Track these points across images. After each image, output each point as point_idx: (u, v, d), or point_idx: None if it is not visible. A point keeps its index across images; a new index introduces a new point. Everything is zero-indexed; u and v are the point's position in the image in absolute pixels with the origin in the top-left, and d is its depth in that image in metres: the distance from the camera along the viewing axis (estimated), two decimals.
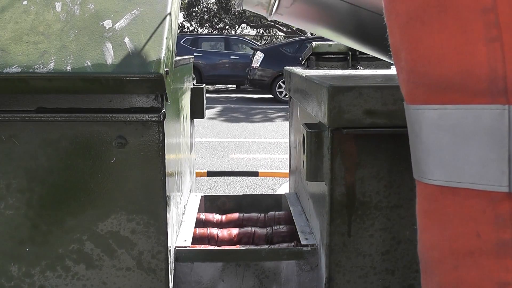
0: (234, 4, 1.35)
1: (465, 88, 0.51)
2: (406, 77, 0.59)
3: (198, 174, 3.09)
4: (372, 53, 1.42)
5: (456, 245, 0.55)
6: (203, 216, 1.61)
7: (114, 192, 1.06)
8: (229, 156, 5.35)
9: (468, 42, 0.50)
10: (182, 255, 1.23)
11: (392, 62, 1.50)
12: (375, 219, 1.12)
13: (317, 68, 1.66)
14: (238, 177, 4.25)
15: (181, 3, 1.61)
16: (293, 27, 15.79)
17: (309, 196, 1.41)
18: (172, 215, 1.20)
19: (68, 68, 0.96)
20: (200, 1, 21.56)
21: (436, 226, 0.57)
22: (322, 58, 1.66)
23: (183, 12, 21.04)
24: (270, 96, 10.47)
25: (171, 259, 1.16)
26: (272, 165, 4.89)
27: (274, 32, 21.26)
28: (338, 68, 1.66)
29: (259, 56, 10.10)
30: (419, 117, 0.58)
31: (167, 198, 1.09)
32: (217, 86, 12.80)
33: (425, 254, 0.61)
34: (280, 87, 9.96)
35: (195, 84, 1.79)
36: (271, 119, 8.20)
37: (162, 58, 0.98)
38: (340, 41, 1.38)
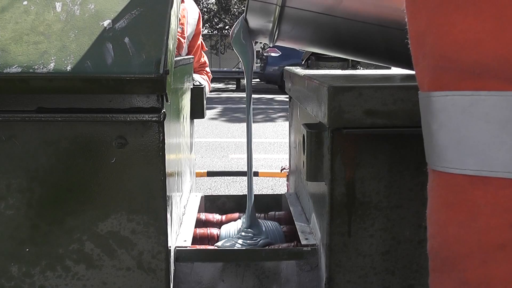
0: (230, 38, 1.37)
1: (501, 74, 0.50)
2: (433, 63, 0.57)
3: (198, 174, 3.09)
4: (375, 62, 1.43)
5: (486, 238, 0.52)
6: (203, 216, 1.61)
7: (114, 192, 1.06)
8: (229, 156, 5.35)
9: (505, 28, 0.49)
10: (182, 255, 1.23)
11: (388, 66, 1.51)
12: (375, 219, 1.12)
13: (317, 68, 1.66)
14: (238, 177, 4.25)
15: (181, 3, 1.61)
16: None
17: (309, 196, 1.42)
18: (172, 215, 1.20)
19: (68, 68, 0.96)
20: (200, 1, 21.56)
21: (463, 218, 0.55)
22: (322, 58, 1.66)
23: None
24: (270, 96, 10.46)
25: (171, 259, 1.16)
26: (272, 165, 4.89)
27: None
28: (338, 68, 1.66)
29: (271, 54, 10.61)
30: (446, 104, 0.56)
31: (167, 198, 1.09)
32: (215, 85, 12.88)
33: (445, 250, 0.58)
34: None
35: (195, 84, 1.79)
36: (271, 119, 8.20)
37: (162, 58, 0.98)
38: (341, 55, 1.40)
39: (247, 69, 1.34)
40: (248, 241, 1.37)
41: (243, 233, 1.42)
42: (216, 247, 1.35)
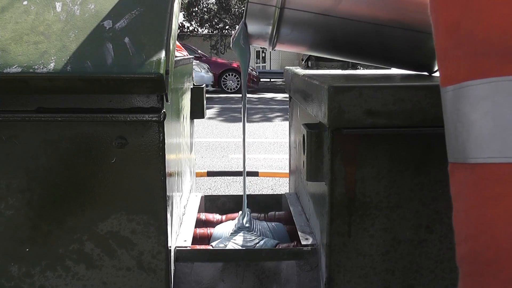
0: (230, 42, 1.38)
1: None
2: (471, 50, 0.55)
3: (198, 174, 3.09)
4: (371, 63, 1.43)
5: None
6: (203, 216, 1.61)
7: (114, 192, 1.06)
8: (229, 156, 5.35)
9: None
10: (182, 255, 1.23)
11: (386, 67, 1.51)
12: (375, 219, 1.12)
13: (317, 68, 1.66)
14: (238, 177, 4.25)
15: (181, 3, 1.61)
16: None
17: (309, 196, 1.42)
18: (172, 215, 1.20)
19: (68, 68, 0.96)
20: (200, 1, 21.56)
21: None
22: (322, 58, 1.66)
23: (183, 12, 21.03)
24: (270, 95, 10.47)
25: (171, 259, 1.16)
26: (272, 165, 4.89)
27: None
28: (338, 68, 1.66)
29: None
30: (489, 90, 0.54)
31: (167, 198, 1.09)
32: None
33: (493, 249, 0.54)
34: None
35: (195, 84, 1.79)
36: (271, 119, 8.20)
37: (162, 58, 0.98)
38: (341, 58, 1.40)
39: (244, 70, 1.36)
40: (245, 238, 1.37)
41: (239, 232, 1.42)
42: (216, 247, 1.34)
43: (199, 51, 13.03)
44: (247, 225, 1.44)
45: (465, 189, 0.58)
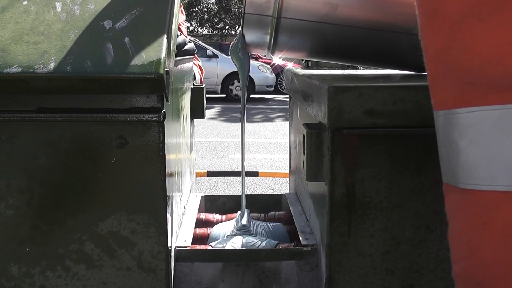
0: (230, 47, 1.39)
1: None
2: (458, 78, 0.55)
3: (198, 174, 3.09)
4: (370, 66, 1.44)
5: None
6: (203, 216, 1.61)
7: (114, 192, 1.06)
8: (229, 156, 5.35)
9: None
10: (182, 255, 1.23)
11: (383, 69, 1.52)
12: (375, 219, 1.12)
13: (317, 68, 1.66)
14: (238, 177, 4.25)
15: (181, 3, 1.61)
16: None
17: (309, 196, 1.42)
18: (172, 215, 1.20)
19: (68, 68, 0.96)
20: (200, 1, 21.57)
21: (500, 237, 0.53)
22: None
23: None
24: (270, 96, 10.48)
25: (171, 259, 1.16)
26: (272, 165, 4.89)
27: None
28: (338, 68, 1.66)
29: None
30: (474, 120, 0.54)
31: (167, 198, 1.09)
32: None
33: (482, 271, 0.56)
34: None
35: (195, 84, 1.79)
36: (271, 119, 8.20)
37: (162, 58, 0.98)
38: (339, 62, 1.41)
39: (243, 80, 1.37)
40: (245, 239, 1.37)
41: (238, 232, 1.42)
42: (216, 248, 1.34)
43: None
44: (246, 225, 1.44)
45: (457, 212, 0.60)
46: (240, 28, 1.25)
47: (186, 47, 1.55)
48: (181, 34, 1.68)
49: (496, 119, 0.52)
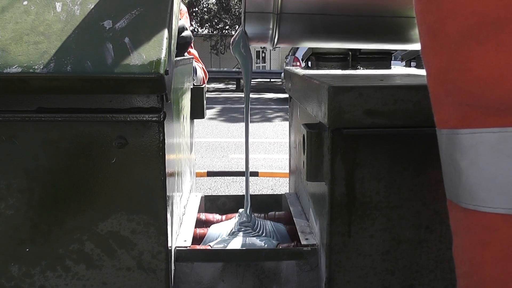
0: (230, 43, 1.41)
1: None
2: (458, 99, 0.55)
3: (198, 174, 3.09)
4: (376, 46, 1.46)
5: None
6: (203, 216, 1.61)
7: (114, 192, 1.06)
8: (229, 156, 5.35)
9: None
10: (182, 255, 1.23)
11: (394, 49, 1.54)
12: (375, 219, 1.12)
13: (317, 68, 1.66)
14: (238, 177, 4.25)
15: (181, 3, 1.61)
16: None
17: (309, 196, 1.42)
18: (172, 215, 1.20)
19: (68, 68, 0.96)
20: (200, 1, 21.56)
21: (500, 257, 0.53)
22: (322, 58, 1.66)
23: None
24: (270, 96, 10.47)
25: (171, 259, 1.16)
26: (272, 165, 4.89)
27: None
28: (338, 68, 1.66)
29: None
30: (474, 141, 0.54)
31: (167, 198, 1.09)
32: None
33: None
34: None
35: (195, 84, 1.79)
36: (270, 119, 8.20)
37: (162, 58, 0.98)
38: (339, 45, 1.43)
39: (246, 76, 1.36)
40: (245, 238, 1.37)
41: (240, 230, 1.42)
42: (216, 248, 1.34)
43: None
44: (247, 220, 1.44)
45: (461, 229, 0.60)
46: (242, 26, 1.25)
47: (183, 33, 1.55)
48: (181, 19, 1.68)
49: (496, 141, 0.52)
